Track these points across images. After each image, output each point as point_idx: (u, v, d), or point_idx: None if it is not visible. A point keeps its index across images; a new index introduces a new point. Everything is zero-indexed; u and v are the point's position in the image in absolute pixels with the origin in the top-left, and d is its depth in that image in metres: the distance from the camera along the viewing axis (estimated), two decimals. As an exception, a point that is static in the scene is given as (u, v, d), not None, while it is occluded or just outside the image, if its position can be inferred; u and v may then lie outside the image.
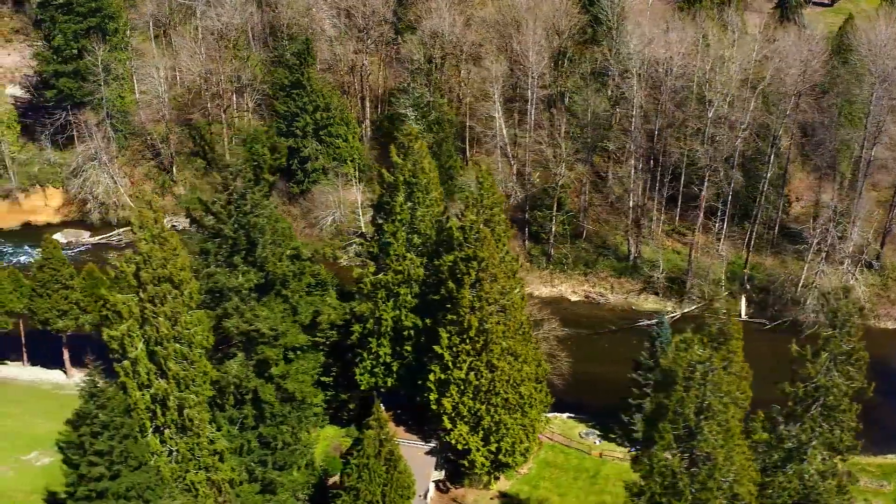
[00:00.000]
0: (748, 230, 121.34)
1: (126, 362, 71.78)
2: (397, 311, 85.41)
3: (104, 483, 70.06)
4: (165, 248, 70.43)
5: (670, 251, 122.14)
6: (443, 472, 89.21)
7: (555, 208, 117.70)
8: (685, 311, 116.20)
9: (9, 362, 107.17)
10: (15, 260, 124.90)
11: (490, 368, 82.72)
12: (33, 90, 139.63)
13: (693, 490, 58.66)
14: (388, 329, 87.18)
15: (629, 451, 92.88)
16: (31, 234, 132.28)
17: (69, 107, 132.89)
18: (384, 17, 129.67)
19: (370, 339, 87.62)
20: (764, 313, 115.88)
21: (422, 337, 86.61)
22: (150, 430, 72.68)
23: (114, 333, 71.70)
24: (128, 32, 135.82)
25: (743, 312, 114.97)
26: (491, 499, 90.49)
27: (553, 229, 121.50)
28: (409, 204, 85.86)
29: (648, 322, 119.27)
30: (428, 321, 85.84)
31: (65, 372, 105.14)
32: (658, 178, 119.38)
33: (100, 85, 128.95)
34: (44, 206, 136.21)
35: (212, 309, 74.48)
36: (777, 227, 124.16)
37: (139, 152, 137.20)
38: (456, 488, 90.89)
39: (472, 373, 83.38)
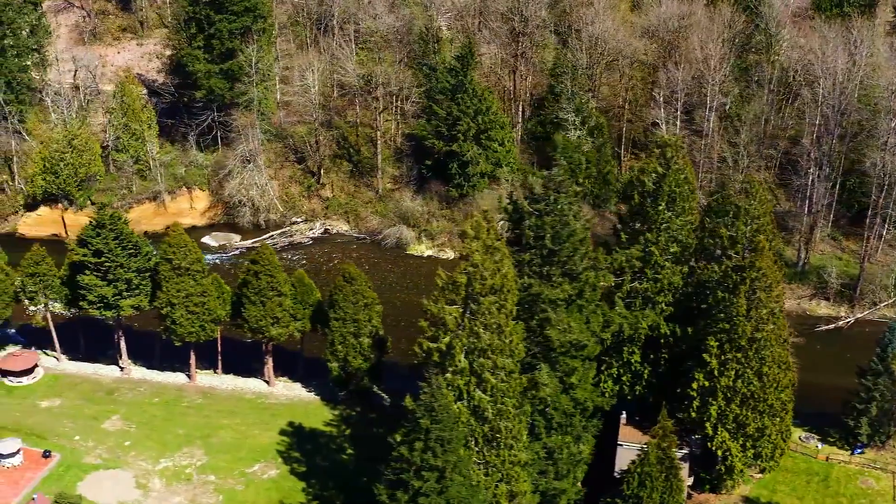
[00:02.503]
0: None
1: (449, 374, 70.73)
2: (655, 319, 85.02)
3: (433, 499, 68.85)
4: (495, 259, 69.57)
5: (836, 257, 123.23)
6: (691, 479, 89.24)
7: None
8: (858, 316, 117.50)
9: (193, 371, 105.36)
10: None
11: (759, 375, 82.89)
12: (173, 90, 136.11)
13: None
14: (642, 337, 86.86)
15: (851, 455, 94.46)
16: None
17: (215, 108, 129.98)
18: (542, 22, 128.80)
19: (623, 346, 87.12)
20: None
21: (681, 345, 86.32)
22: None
23: (433, 346, 70.92)
24: (274, 33, 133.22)
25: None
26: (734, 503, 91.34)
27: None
28: (669, 213, 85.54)
29: (826, 327, 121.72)
30: (689, 329, 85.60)
31: (266, 381, 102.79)
32: (831, 185, 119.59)
33: (252, 86, 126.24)
34: (189, 208, 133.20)
35: (522, 319, 73.58)
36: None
37: (282, 154, 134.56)
38: (698, 493, 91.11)
39: (738, 380, 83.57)
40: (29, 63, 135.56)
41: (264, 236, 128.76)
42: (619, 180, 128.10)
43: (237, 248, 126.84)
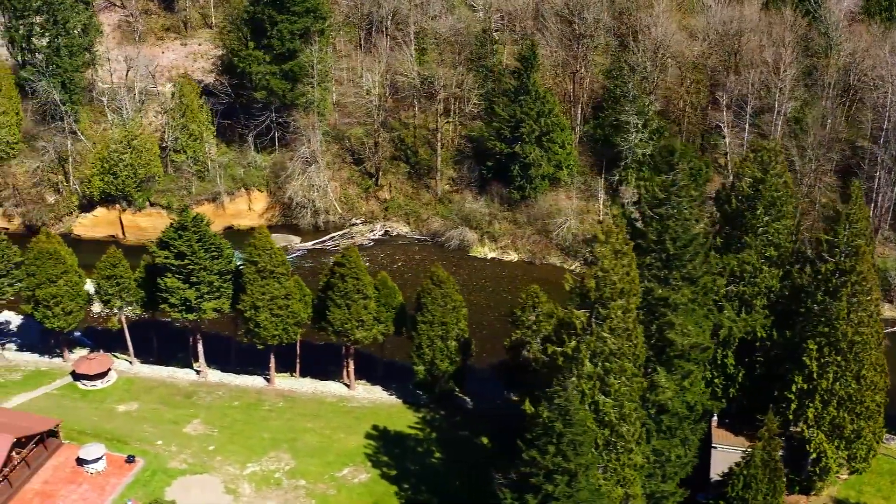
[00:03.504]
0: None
1: (574, 378, 70.43)
2: (764, 323, 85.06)
3: (563, 502, 68.54)
4: (623, 263, 69.37)
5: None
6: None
7: (798, 220, 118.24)
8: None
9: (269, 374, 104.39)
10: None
11: (857, 378, 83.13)
12: (230, 91, 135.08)
13: None
14: (736, 340, 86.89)
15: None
16: (234, 238, 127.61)
17: (273, 109, 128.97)
18: (603, 25, 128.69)
19: (717, 349, 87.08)
20: None
21: (777, 348, 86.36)
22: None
23: (559, 349, 70.68)
24: (332, 34, 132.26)
25: None
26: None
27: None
28: (767, 217, 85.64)
29: (891, 329, 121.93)
30: (787, 333, 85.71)
31: (347, 384, 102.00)
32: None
33: (313, 87, 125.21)
34: (247, 209, 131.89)
35: (640, 323, 73.36)
36: None
37: (339, 156, 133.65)
38: (788, 494, 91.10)
39: (837, 383, 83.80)
40: (81, 63, 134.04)
41: (325, 238, 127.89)
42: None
43: (298, 250, 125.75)
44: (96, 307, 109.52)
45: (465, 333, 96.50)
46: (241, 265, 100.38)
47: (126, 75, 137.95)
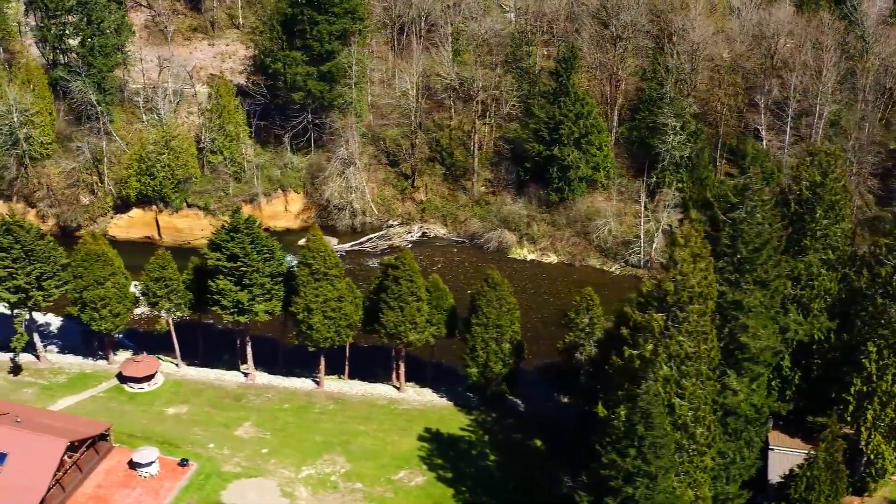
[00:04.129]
0: None
1: (650, 382, 70.36)
2: (830, 326, 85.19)
3: (643, 504, 68.66)
4: (700, 267, 69.34)
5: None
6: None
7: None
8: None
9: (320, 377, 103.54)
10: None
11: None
12: (266, 91, 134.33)
13: None
14: (793, 342, 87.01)
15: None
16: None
17: (309, 110, 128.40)
18: (640, 28, 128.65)
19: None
20: None
21: (834, 351, 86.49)
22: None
23: (635, 353, 70.56)
24: (369, 35, 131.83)
25: None
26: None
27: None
28: (826, 220, 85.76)
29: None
30: (845, 335, 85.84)
31: (396, 387, 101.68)
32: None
33: (351, 88, 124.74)
34: (284, 210, 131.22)
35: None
36: None
37: (374, 157, 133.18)
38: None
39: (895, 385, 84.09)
40: (115, 63, 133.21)
41: (363, 239, 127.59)
42: (716, 185, 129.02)
43: (337, 252, 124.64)
44: (137, 309, 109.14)
45: (518, 336, 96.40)
46: (291, 267, 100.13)
47: (159, 75, 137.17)
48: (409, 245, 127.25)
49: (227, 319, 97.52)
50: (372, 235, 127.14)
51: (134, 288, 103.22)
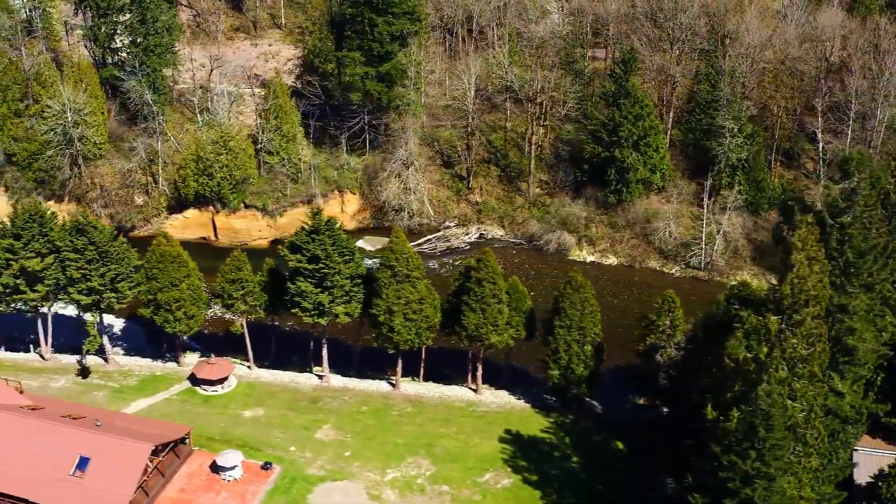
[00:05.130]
0: None
1: (769, 384, 70.42)
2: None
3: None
4: (815, 270, 69.46)
5: None
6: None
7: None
8: None
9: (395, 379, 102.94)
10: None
11: None
12: (322, 92, 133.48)
13: None
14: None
15: None
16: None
17: (365, 111, 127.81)
18: (697, 30, 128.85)
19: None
20: None
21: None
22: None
23: (749, 355, 70.59)
24: (425, 37, 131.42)
25: None
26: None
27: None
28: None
29: None
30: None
31: (473, 389, 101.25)
32: None
33: (410, 89, 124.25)
34: (340, 212, 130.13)
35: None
36: None
37: (429, 158, 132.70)
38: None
39: None
40: (169, 62, 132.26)
41: (422, 240, 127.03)
42: (772, 188, 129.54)
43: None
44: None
45: (599, 338, 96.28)
46: (369, 268, 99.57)
47: (210, 75, 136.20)
48: (468, 247, 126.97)
49: (307, 321, 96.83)
50: (430, 237, 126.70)
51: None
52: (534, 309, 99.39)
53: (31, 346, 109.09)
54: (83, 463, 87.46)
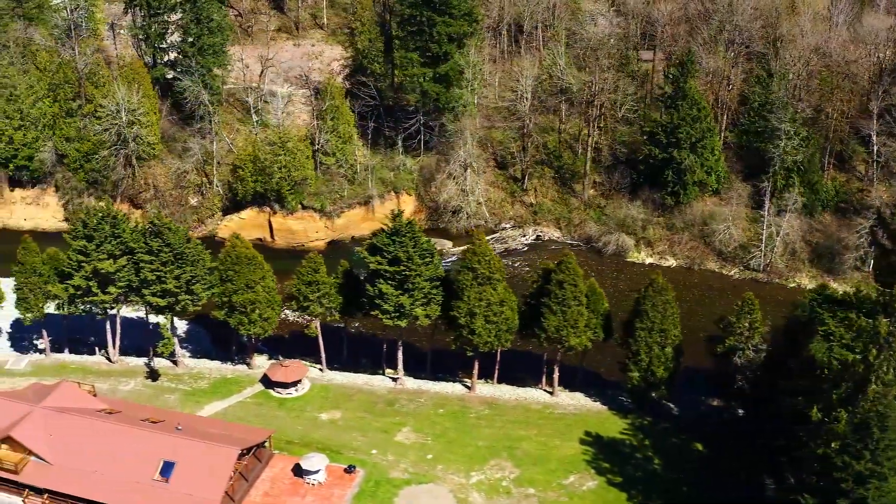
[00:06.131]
0: None
1: (874, 386, 70.77)
2: None
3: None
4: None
5: None
6: None
7: None
8: None
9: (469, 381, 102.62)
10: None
11: None
12: (375, 93, 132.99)
13: None
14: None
15: None
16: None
17: (421, 112, 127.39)
18: (750, 33, 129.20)
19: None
20: None
21: None
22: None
23: (857, 357, 71.14)
24: (481, 38, 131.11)
25: None
26: None
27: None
28: None
29: None
30: None
31: (549, 391, 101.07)
32: None
33: (468, 90, 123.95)
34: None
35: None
36: None
37: (483, 159, 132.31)
38: None
39: None
40: (222, 62, 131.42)
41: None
42: (825, 190, 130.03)
43: (452, 255, 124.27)
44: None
45: (679, 340, 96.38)
46: (448, 270, 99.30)
47: (261, 75, 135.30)
48: (525, 248, 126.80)
49: (387, 324, 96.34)
50: (487, 238, 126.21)
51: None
52: (610, 311, 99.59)
53: (97, 348, 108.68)
54: (167, 468, 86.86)
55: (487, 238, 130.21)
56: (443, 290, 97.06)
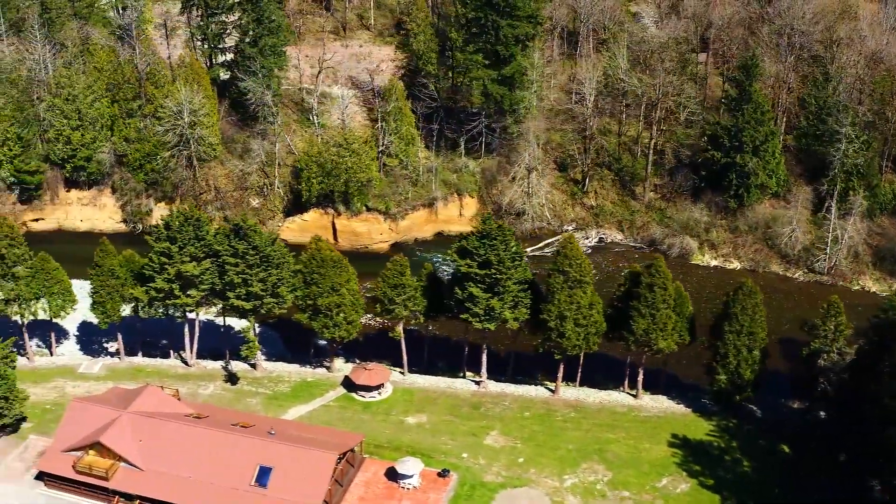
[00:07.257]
0: None
1: None
2: None
3: None
4: None
5: None
6: None
7: None
8: None
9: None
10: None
11: None
12: (436, 94, 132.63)
13: None
14: None
15: None
16: (444, 243, 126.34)
17: (483, 115, 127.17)
18: (811, 36, 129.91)
19: None
20: None
21: None
22: None
23: None
24: (543, 40, 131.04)
25: None
26: None
27: None
28: None
29: None
30: None
31: (633, 394, 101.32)
32: None
33: (531, 92, 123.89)
34: (458, 215, 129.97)
35: None
36: None
37: (544, 162, 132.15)
38: None
39: None
40: (283, 62, 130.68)
41: (542, 244, 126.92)
42: (884, 193, 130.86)
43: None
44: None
45: (765, 343, 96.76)
46: (534, 273, 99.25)
47: (318, 76, 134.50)
48: (589, 251, 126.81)
49: (476, 327, 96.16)
50: (551, 240, 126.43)
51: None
52: (694, 314, 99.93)
53: (171, 351, 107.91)
54: (264, 473, 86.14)
55: (551, 240, 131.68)
56: (530, 293, 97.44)
